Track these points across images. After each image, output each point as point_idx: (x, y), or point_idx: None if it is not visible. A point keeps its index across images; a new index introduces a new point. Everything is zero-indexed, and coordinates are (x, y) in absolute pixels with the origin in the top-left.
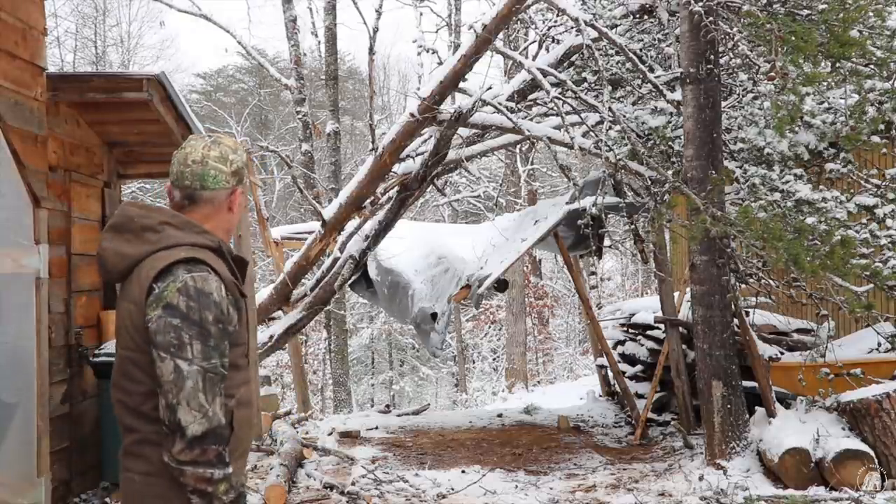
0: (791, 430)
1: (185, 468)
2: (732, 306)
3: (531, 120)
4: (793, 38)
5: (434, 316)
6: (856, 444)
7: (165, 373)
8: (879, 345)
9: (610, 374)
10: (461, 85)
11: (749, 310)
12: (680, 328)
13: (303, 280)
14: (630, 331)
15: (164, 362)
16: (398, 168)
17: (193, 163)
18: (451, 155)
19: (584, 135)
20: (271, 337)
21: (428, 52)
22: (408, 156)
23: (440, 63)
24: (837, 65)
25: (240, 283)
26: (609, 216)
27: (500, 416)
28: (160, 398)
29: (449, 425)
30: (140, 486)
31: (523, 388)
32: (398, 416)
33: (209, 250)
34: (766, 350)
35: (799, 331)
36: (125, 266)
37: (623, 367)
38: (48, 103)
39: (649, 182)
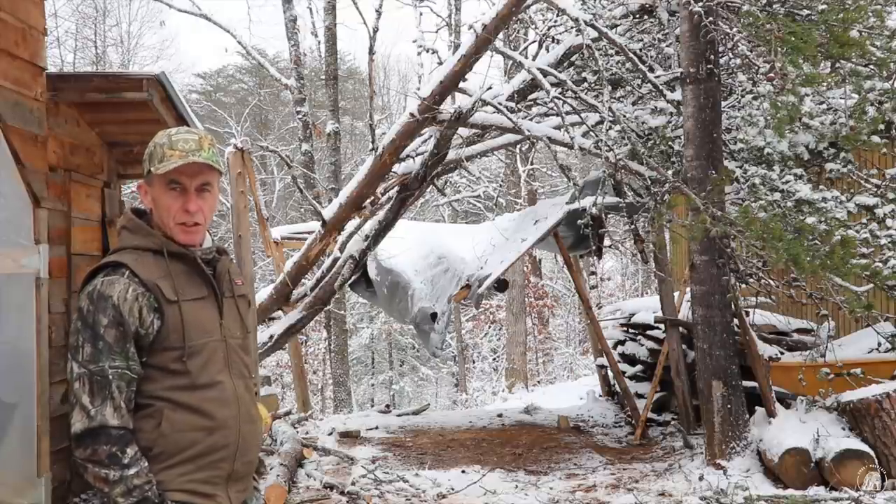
0: (791, 430)
1: (86, 465)
2: (732, 306)
3: (531, 120)
4: (792, 39)
5: (434, 316)
6: (856, 444)
7: (68, 374)
8: (879, 345)
9: (610, 374)
10: (461, 85)
11: (749, 310)
12: (680, 328)
13: (303, 280)
14: (630, 331)
15: (67, 363)
16: (398, 168)
17: None
18: (451, 155)
19: (584, 135)
20: (271, 337)
21: (428, 52)
22: (408, 156)
23: (440, 63)
24: (837, 65)
25: (173, 287)
26: (609, 216)
27: (500, 416)
28: None
29: (449, 425)
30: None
31: (523, 388)
32: (398, 416)
33: (150, 252)
34: (766, 350)
35: (799, 331)
36: None
37: (623, 367)
38: (48, 103)
39: (649, 182)
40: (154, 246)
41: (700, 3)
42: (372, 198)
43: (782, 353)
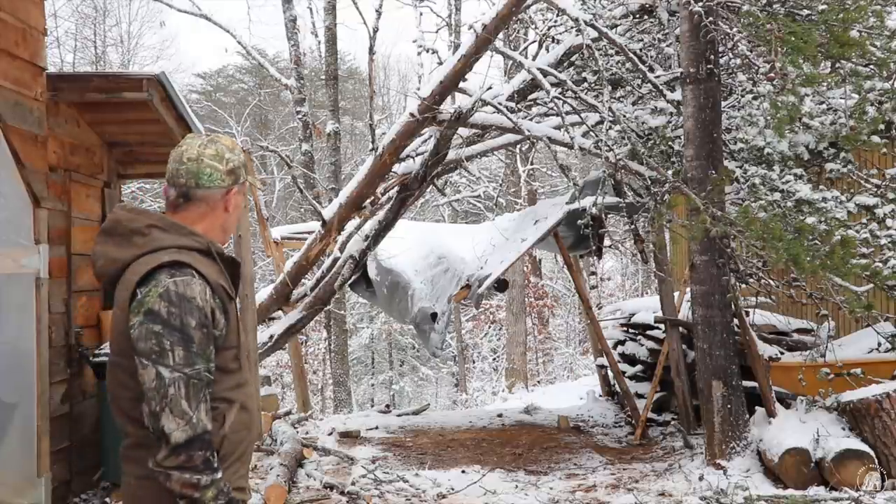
0: (791, 430)
1: (172, 473)
2: (732, 306)
3: (531, 120)
4: (792, 39)
5: (434, 316)
6: (856, 444)
7: (147, 380)
8: (879, 345)
9: (610, 374)
10: (461, 85)
11: (749, 310)
12: (680, 328)
13: (303, 280)
14: (630, 331)
15: (146, 369)
16: (398, 168)
17: (188, 160)
18: (451, 155)
19: (584, 135)
20: (271, 337)
21: (428, 52)
22: (408, 156)
23: (440, 63)
24: (837, 65)
25: (229, 286)
26: (609, 216)
27: (500, 416)
28: (144, 405)
29: (449, 425)
30: (135, 489)
31: (523, 388)
32: (398, 416)
33: (197, 252)
34: (766, 350)
35: (799, 331)
36: (114, 270)
37: (623, 367)
38: (48, 103)
39: (649, 182)
40: (200, 246)
41: (700, 3)
42: (372, 198)
43: (782, 353)
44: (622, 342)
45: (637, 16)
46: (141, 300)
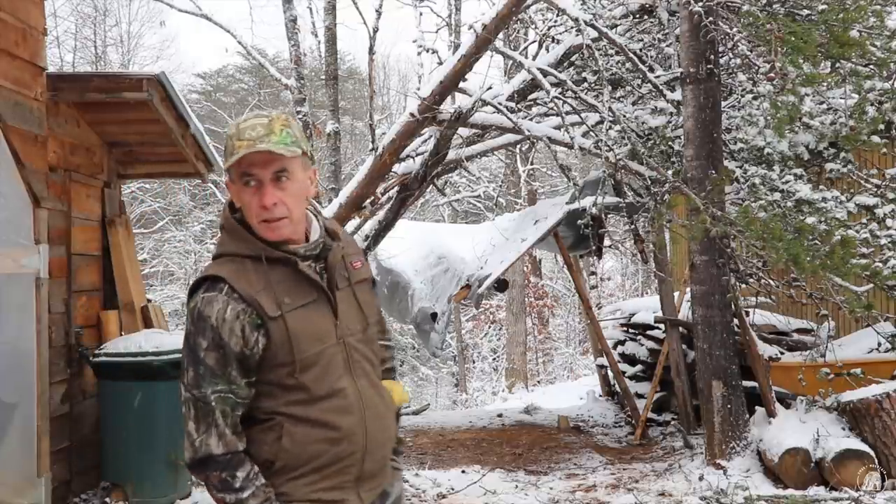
0: (791, 430)
1: (205, 485)
2: (732, 306)
3: (531, 120)
4: (792, 39)
5: (434, 316)
6: (856, 444)
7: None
8: (879, 345)
9: (610, 374)
10: (461, 85)
11: (749, 310)
12: (680, 328)
13: None
14: (630, 331)
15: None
16: (398, 168)
17: None
18: (451, 155)
19: (584, 135)
20: None
21: (428, 52)
22: (408, 156)
23: (440, 63)
24: (837, 65)
25: (275, 298)
26: (609, 216)
27: (500, 416)
28: None
29: (449, 425)
30: None
31: (523, 387)
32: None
33: (250, 260)
34: (766, 350)
35: (799, 331)
36: None
37: (623, 367)
38: (48, 103)
39: (649, 182)
40: (251, 252)
41: (700, 3)
42: (372, 198)
43: (782, 353)
44: (622, 342)
45: (637, 16)
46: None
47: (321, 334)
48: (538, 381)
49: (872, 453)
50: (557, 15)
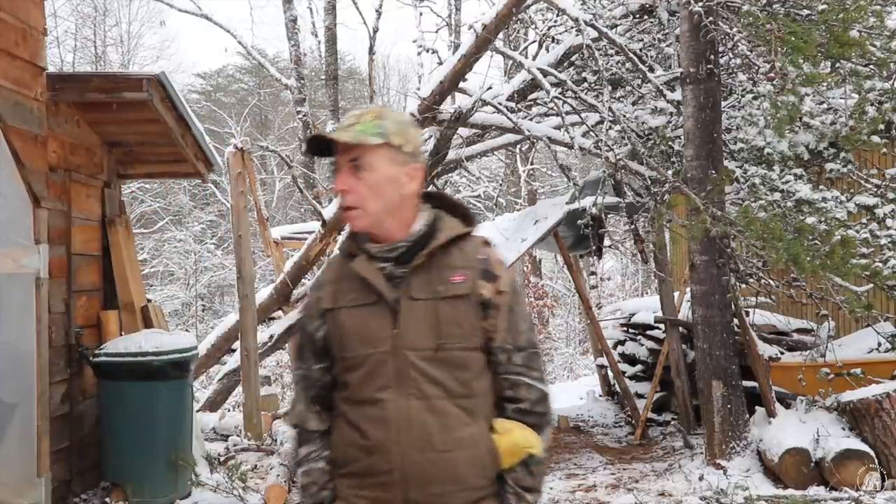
0: (791, 430)
1: None
2: (732, 306)
3: (531, 120)
4: (792, 39)
5: None
6: (856, 444)
7: None
8: (879, 345)
9: (610, 374)
10: (461, 85)
11: (749, 310)
12: (680, 328)
13: (303, 280)
14: (630, 331)
15: None
16: None
17: None
18: (451, 155)
19: (584, 135)
20: (271, 337)
21: (428, 52)
22: None
23: (440, 63)
24: (837, 65)
25: (331, 293)
26: (609, 216)
27: None
28: None
29: None
30: None
31: None
32: None
33: (344, 256)
34: (766, 350)
35: (799, 331)
36: None
37: (623, 367)
38: (48, 103)
39: (649, 182)
40: (344, 249)
41: (700, 3)
42: None
43: (782, 353)
44: (622, 342)
45: (637, 16)
46: None
47: (372, 339)
48: None
49: (872, 453)
50: (557, 15)
